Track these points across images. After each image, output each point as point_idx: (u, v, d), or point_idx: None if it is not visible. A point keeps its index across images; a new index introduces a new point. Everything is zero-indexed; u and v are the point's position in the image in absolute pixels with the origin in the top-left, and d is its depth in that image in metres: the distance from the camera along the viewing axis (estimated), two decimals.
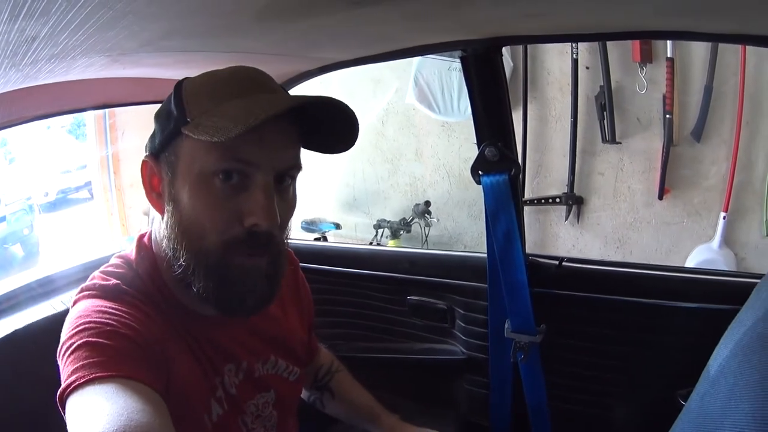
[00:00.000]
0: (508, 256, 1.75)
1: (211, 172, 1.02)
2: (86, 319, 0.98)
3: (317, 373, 1.65)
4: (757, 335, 1.22)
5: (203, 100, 1.04)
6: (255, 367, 1.25)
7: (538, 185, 4.04)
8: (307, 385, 1.64)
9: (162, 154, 1.07)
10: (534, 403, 1.87)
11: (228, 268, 1.05)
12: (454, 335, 2.12)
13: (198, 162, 1.02)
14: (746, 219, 3.54)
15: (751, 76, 3.32)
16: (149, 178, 1.10)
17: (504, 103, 1.72)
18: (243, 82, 1.07)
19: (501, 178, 1.70)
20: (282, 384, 1.33)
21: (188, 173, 1.03)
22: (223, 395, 1.16)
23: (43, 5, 0.72)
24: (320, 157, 1.23)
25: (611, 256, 3.93)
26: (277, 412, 1.32)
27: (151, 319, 1.04)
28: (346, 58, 1.84)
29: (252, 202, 1.02)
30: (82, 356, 0.92)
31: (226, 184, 1.02)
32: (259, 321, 1.27)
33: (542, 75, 3.89)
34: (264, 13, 1.06)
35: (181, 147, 1.04)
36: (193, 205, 1.03)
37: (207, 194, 1.02)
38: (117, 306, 1.03)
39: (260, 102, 1.02)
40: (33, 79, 1.27)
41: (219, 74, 1.08)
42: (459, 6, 1.16)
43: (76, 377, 0.89)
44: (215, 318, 1.16)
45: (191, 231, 1.04)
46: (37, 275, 1.85)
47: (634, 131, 3.70)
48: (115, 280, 1.08)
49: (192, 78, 1.10)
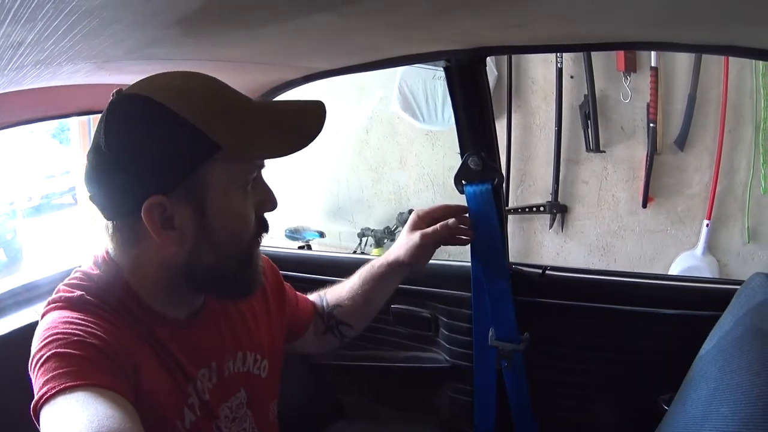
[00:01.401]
0: (491, 265, 1.76)
1: (248, 182, 1.11)
2: (53, 331, 0.99)
3: (322, 319, 1.66)
4: (736, 340, 1.24)
5: (219, 122, 1.04)
6: (225, 367, 1.26)
7: (522, 194, 4.05)
8: (320, 332, 1.65)
9: (175, 190, 1.03)
10: (518, 410, 1.88)
11: (251, 257, 1.17)
12: (438, 343, 2.13)
13: (238, 179, 1.09)
14: (728, 226, 3.56)
15: (733, 86, 3.36)
16: (162, 217, 1.04)
17: (487, 113, 1.73)
18: (232, 92, 1.11)
19: (484, 188, 1.70)
20: (252, 381, 1.32)
21: (228, 193, 1.08)
22: (196, 402, 1.16)
23: (29, 11, 0.72)
24: (304, 165, 1.27)
25: (595, 264, 3.94)
26: (252, 412, 1.31)
27: (117, 328, 1.05)
28: (330, 67, 1.85)
29: (264, 193, 1.16)
30: (51, 367, 0.92)
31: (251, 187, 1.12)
32: (223, 316, 1.29)
33: (527, 84, 3.91)
34: (248, 22, 1.06)
35: (210, 175, 1.05)
36: (234, 219, 1.11)
37: (245, 203, 1.12)
38: (83, 316, 1.03)
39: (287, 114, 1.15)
40: (18, 84, 1.26)
41: (192, 88, 1.07)
42: (442, 17, 1.16)
43: (47, 389, 0.89)
44: (183, 321, 1.19)
45: (231, 242, 1.12)
46: (20, 281, 1.84)
47: (618, 140, 3.72)
48: (79, 291, 1.08)
49: (161, 99, 1.02)
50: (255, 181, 1.13)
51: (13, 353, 1.06)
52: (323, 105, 1.14)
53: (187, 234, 1.07)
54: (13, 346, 1.46)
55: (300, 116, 1.13)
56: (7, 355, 1.44)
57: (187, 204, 1.05)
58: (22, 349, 1.02)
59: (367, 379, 2.27)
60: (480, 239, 1.73)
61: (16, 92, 1.35)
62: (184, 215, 1.05)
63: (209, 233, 1.08)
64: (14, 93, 1.35)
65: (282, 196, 1.19)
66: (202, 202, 1.05)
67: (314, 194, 4.86)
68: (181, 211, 1.05)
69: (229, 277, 1.14)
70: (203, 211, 1.06)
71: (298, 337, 1.59)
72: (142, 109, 1.03)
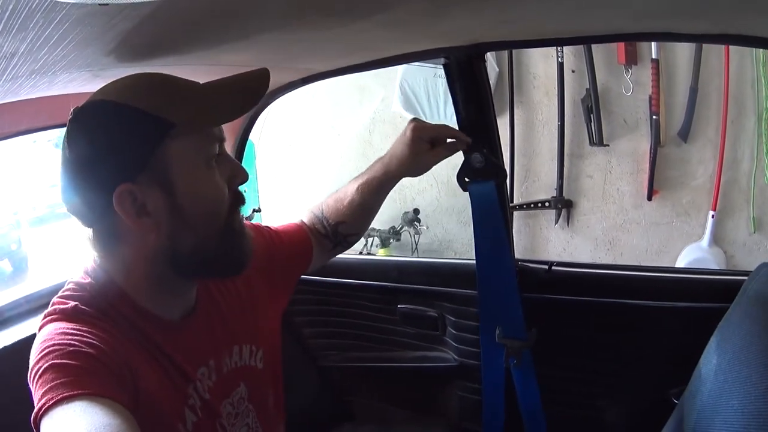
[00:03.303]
0: (496, 262, 1.75)
1: (211, 157, 1.12)
2: (50, 342, 1.00)
3: (327, 238, 1.68)
4: (745, 332, 1.23)
5: (167, 103, 1.07)
6: (222, 363, 1.26)
7: (526, 190, 4.04)
8: (328, 249, 1.69)
9: (140, 175, 1.06)
10: (528, 407, 1.87)
11: (232, 232, 1.17)
12: (445, 342, 2.12)
13: (199, 153, 1.10)
14: (734, 217, 3.56)
15: (734, 76, 3.35)
16: (133, 205, 1.07)
17: (488, 109, 1.72)
18: (178, 79, 1.14)
19: (487, 185, 1.70)
20: (250, 373, 1.33)
21: (191, 169, 1.09)
22: (197, 402, 1.17)
23: (20, 21, 0.71)
24: (308, 167, 1.28)
25: (602, 258, 3.93)
26: (253, 405, 1.32)
27: (112, 336, 1.05)
28: (328, 69, 1.85)
29: (231, 167, 1.17)
30: (49, 378, 0.93)
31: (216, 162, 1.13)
32: (215, 312, 1.30)
33: (528, 79, 3.90)
34: (245, 27, 1.06)
35: (169, 153, 1.06)
36: (204, 195, 1.12)
37: (212, 179, 1.12)
38: (78, 326, 1.04)
39: (230, 83, 1.14)
40: (15, 94, 1.27)
41: (139, 81, 1.11)
42: (438, 14, 1.16)
43: (46, 399, 0.90)
44: (178, 321, 1.20)
45: (206, 219, 1.13)
46: (25, 291, 1.84)
47: (621, 133, 3.71)
48: (73, 302, 1.09)
49: (110, 98, 1.08)
50: (220, 157, 1.14)
51: (19, 363, 1.06)
52: (266, 70, 1.15)
53: (161, 217, 1.08)
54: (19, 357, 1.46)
55: (244, 82, 1.14)
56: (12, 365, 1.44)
57: (156, 186, 1.07)
58: (26, 359, 1.02)
59: (374, 380, 2.27)
60: (485, 236, 1.72)
61: (14, 103, 1.36)
62: (155, 199, 1.07)
63: (183, 214, 1.09)
64: (12, 104, 1.36)
65: (286, 198, 1.20)
66: (169, 182, 1.07)
67: (318, 196, 4.82)
68: (151, 195, 1.07)
69: (214, 256, 1.15)
70: (172, 191, 1.08)
71: (306, 269, 1.64)
72: (95, 111, 1.08)
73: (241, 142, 2.19)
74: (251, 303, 1.40)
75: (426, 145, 1.59)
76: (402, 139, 1.59)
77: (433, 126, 1.62)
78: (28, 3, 0.65)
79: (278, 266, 1.51)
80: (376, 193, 1.64)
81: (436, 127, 1.62)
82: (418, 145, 1.58)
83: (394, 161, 1.60)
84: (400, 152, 1.59)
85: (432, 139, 1.59)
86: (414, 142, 1.57)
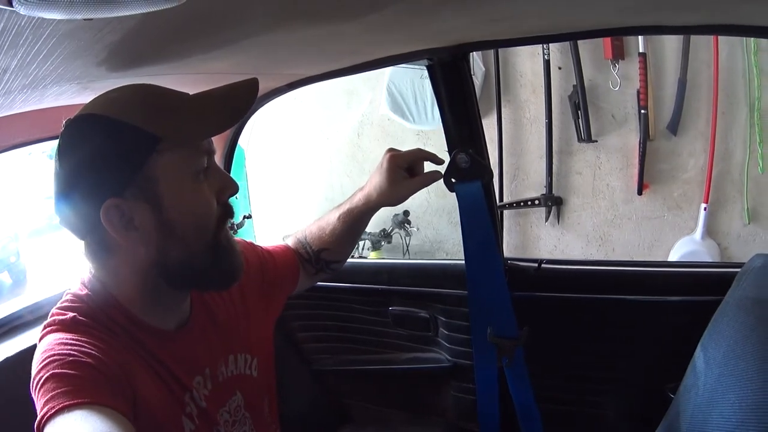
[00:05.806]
0: (486, 262, 1.75)
1: (199, 170, 1.12)
2: (50, 353, 1.01)
3: (310, 263, 1.67)
4: (740, 324, 1.22)
5: (153, 117, 1.08)
6: (218, 372, 1.27)
7: (516, 188, 4.05)
8: (311, 273, 1.68)
9: (127, 190, 1.07)
10: (522, 405, 1.86)
11: (220, 245, 1.17)
12: (438, 343, 2.12)
13: (186, 168, 1.10)
14: (727, 209, 3.57)
15: (724, 67, 3.36)
16: (121, 219, 1.08)
17: (473, 109, 1.73)
18: (165, 90, 1.14)
19: (474, 185, 1.69)
20: (245, 382, 1.34)
21: (178, 184, 1.10)
22: (194, 410, 1.18)
23: (11, 39, 0.73)
24: (298, 172, 1.27)
25: (594, 254, 3.94)
26: (250, 413, 1.33)
27: (110, 346, 1.06)
28: (313, 74, 1.84)
29: (221, 180, 1.17)
30: (50, 388, 0.94)
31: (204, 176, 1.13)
32: (210, 322, 1.31)
33: (515, 78, 3.91)
34: (231, 35, 1.06)
35: (156, 167, 1.07)
36: (192, 210, 1.12)
37: (200, 193, 1.12)
38: (77, 336, 1.05)
39: (217, 96, 1.14)
40: (8, 108, 1.30)
41: (125, 95, 1.12)
42: (422, 16, 1.15)
43: (47, 409, 0.91)
44: (173, 332, 1.21)
45: (195, 233, 1.13)
46: (25, 302, 1.85)
47: (609, 129, 3.72)
48: (72, 312, 1.11)
49: (98, 112, 1.09)
50: (209, 170, 1.14)
51: (22, 374, 1.07)
52: (255, 80, 1.15)
53: (149, 232, 1.09)
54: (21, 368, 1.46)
55: (232, 92, 1.14)
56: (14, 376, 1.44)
57: (142, 201, 1.07)
58: (28, 370, 1.03)
59: (370, 382, 2.27)
60: (473, 236, 1.72)
61: (9, 117, 1.39)
62: (143, 213, 1.08)
63: (171, 227, 1.10)
64: (6, 117, 1.39)
65: (277, 203, 1.19)
66: (156, 197, 1.08)
67: (309, 200, 4.83)
68: (138, 210, 1.07)
69: (203, 268, 1.16)
70: (159, 205, 1.08)
71: (293, 289, 1.64)
72: (83, 125, 1.09)
73: (230, 151, 2.19)
74: (245, 313, 1.41)
75: (403, 173, 1.58)
76: (380, 170, 1.58)
77: (407, 153, 1.60)
78: (17, 21, 0.66)
79: (269, 282, 1.52)
80: (357, 223, 1.64)
81: (410, 153, 1.60)
82: (396, 173, 1.56)
83: (373, 192, 1.59)
84: (378, 182, 1.58)
85: (409, 165, 1.58)
86: (391, 171, 1.56)
